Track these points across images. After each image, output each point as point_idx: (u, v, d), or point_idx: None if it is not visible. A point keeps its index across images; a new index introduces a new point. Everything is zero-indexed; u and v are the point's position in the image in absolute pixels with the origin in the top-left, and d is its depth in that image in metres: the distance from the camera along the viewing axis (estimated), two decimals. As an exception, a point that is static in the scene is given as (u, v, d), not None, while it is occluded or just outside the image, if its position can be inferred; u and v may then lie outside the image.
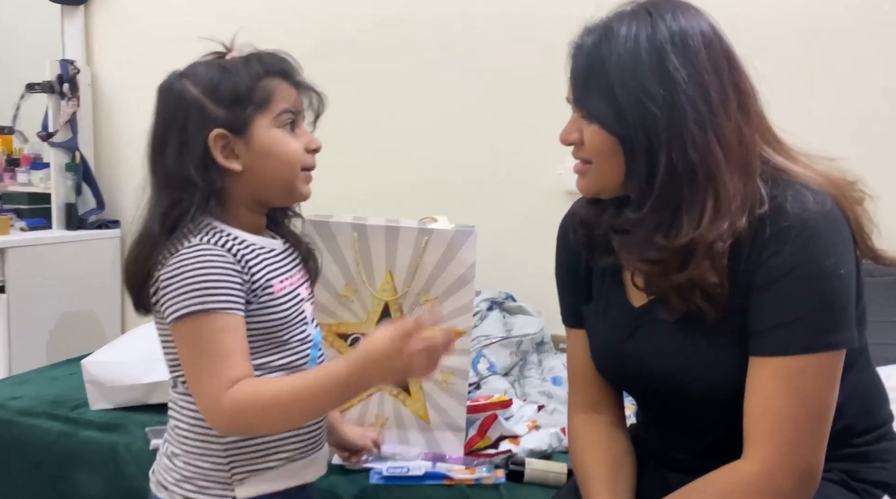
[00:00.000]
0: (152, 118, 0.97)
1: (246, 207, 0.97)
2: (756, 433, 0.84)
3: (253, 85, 0.94)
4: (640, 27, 0.84)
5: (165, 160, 0.94)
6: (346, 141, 2.30)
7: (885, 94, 1.71)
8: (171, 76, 0.99)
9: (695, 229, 0.82)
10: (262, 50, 0.99)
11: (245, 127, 0.94)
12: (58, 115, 2.57)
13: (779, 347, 0.83)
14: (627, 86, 0.83)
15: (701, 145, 0.82)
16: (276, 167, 0.95)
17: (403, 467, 1.27)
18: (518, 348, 1.77)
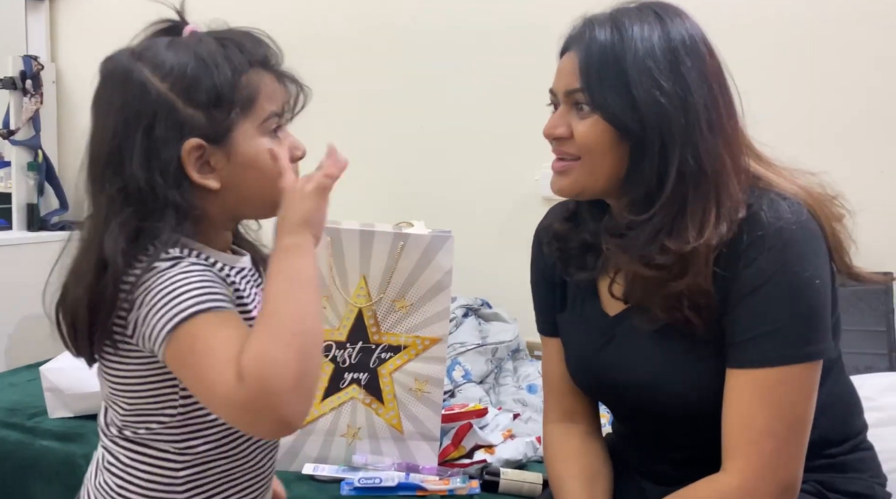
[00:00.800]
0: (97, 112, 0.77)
1: (215, 226, 0.79)
2: (735, 446, 0.83)
3: (236, 81, 0.74)
4: (653, 27, 0.84)
5: (126, 171, 0.72)
6: (321, 144, 2.27)
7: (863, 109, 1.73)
8: (121, 55, 0.77)
9: (699, 234, 0.81)
10: (233, 29, 0.79)
11: (225, 135, 0.74)
12: (20, 112, 2.49)
13: (756, 358, 0.82)
14: (645, 83, 0.82)
15: (712, 148, 0.82)
16: (262, 183, 0.76)
17: (376, 477, 1.24)
18: (493, 356, 1.75)
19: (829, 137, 1.73)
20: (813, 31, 1.75)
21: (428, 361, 1.30)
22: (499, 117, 2.07)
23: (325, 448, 1.32)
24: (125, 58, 0.76)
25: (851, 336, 1.59)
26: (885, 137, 1.71)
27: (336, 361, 1.31)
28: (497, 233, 2.08)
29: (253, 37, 0.79)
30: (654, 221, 0.84)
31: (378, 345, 1.30)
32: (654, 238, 0.83)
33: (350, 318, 1.29)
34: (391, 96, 2.20)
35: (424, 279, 1.27)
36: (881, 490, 0.95)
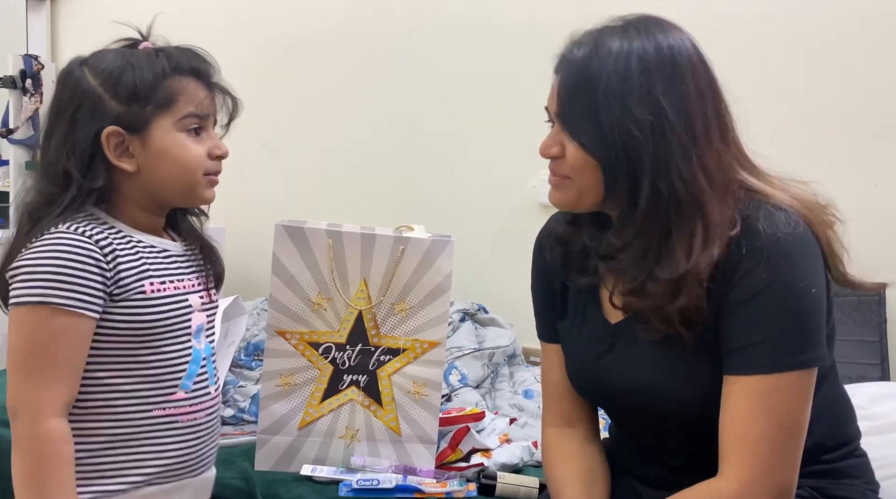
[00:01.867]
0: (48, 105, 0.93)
1: (137, 206, 0.93)
2: (731, 452, 0.84)
3: (156, 83, 0.89)
4: (631, 46, 0.83)
5: (48, 149, 0.89)
6: (320, 149, 2.28)
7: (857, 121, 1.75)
8: (72, 62, 0.93)
9: (687, 259, 0.82)
10: (177, 45, 0.94)
11: (143, 126, 0.89)
12: (19, 111, 2.50)
13: (752, 365, 0.83)
14: (613, 109, 0.82)
15: (686, 176, 0.82)
16: (173, 171, 0.91)
17: (373, 479, 1.25)
18: (490, 361, 1.76)
19: (822, 149, 1.75)
20: (807, 42, 1.77)
21: (426, 364, 1.31)
22: (496, 125, 2.09)
23: (324, 450, 1.32)
24: (74, 62, 0.92)
25: (844, 346, 1.60)
26: (878, 150, 1.73)
27: (336, 363, 1.31)
28: (494, 239, 2.10)
29: (189, 51, 0.94)
30: (636, 244, 0.84)
31: (377, 347, 1.31)
32: (641, 261, 0.84)
33: (350, 320, 1.30)
34: (390, 102, 2.21)
35: (424, 283, 1.28)
36: (874, 497, 0.97)
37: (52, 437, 0.83)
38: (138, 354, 0.90)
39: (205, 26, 2.40)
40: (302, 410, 1.31)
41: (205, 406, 0.98)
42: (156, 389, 0.92)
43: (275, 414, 1.31)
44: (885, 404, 1.34)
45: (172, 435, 0.94)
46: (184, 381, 0.94)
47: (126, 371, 0.90)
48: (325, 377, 1.31)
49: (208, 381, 0.98)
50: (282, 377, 1.30)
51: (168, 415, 0.93)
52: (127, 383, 0.90)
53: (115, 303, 0.87)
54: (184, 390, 0.94)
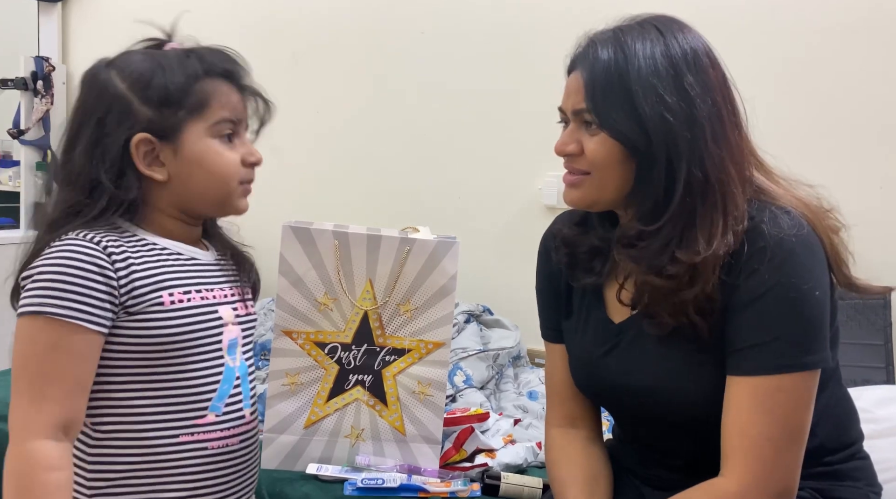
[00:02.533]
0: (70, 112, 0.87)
1: (168, 215, 0.87)
2: (733, 452, 0.84)
3: (189, 86, 0.83)
4: (655, 43, 0.85)
5: (73, 157, 0.83)
6: (327, 150, 2.30)
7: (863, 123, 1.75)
8: (97, 64, 0.87)
9: (708, 245, 0.83)
10: (207, 45, 0.89)
11: (174, 133, 0.83)
12: (30, 112, 2.53)
13: (756, 366, 0.84)
14: (650, 100, 0.84)
15: (717, 161, 0.84)
16: (207, 180, 0.85)
17: (378, 478, 1.26)
18: (494, 362, 1.77)
19: (828, 151, 1.75)
20: (812, 44, 1.77)
21: (431, 364, 1.31)
22: (502, 126, 2.10)
23: (329, 449, 1.33)
24: (99, 64, 0.86)
25: (849, 349, 1.61)
26: (884, 152, 1.73)
27: (341, 362, 1.32)
28: (499, 240, 2.10)
29: (220, 52, 0.87)
30: (664, 231, 0.86)
31: (382, 348, 1.32)
32: (664, 248, 0.85)
33: (356, 320, 1.31)
34: (397, 105, 2.22)
35: (429, 284, 1.29)
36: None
37: (33, 460, 0.75)
38: (162, 373, 0.83)
39: (213, 30, 2.42)
40: (308, 409, 1.32)
41: (239, 431, 0.90)
42: (182, 412, 0.84)
43: (281, 413, 1.32)
44: (890, 407, 1.34)
45: (202, 464, 0.86)
46: (214, 402, 0.86)
47: (149, 392, 0.82)
48: (331, 377, 1.32)
49: (243, 403, 0.90)
50: (288, 377, 1.31)
51: (197, 440, 0.85)
52: (150, 405, 0.82)
53: (131, 316, 0.81)
54: (214, 413, 0.87)
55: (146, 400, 0.82)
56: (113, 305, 0.79)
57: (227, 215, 0.93)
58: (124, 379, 0.82)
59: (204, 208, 0.89)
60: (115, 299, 0.80)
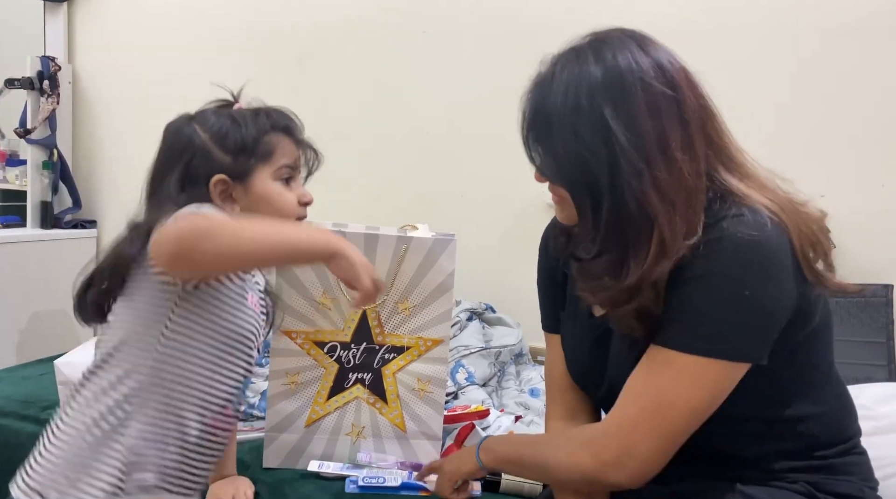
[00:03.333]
0: (156, 154, 1.02)
1: None
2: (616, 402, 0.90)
3: (259, 138, 1.00)
4: (581, 73, 0.86)
5: (164, 187, 0.97)
6: (331, 150, 2.30)
7: (865, 122, 1.75)
8: (180, 118, 1.03)
9: (640, 270, 0.85)
10: (271, 106, 1.06)
11: (246, 175, 0.99)
12: (37, 111, 2.54)
13: (661, 337, 0.87)
14: (567, 143, 0.85)
15: (639, 196, 0.84)
16: (271, 215, 1.00)
17: (379, 476, 1.27)
18: (497, 359, 1.77)
19: (830, 151, 1.74)
20: (813, 44, 1.77)
21: (430, 361, 1.32)
22: (504, 124, 2.09)
23: (330, 446, 1.35)
24: (183, 119, 1.03)
25: (852, 347, 1.60)
26: (886, 151, 1.72)
27: (341, 361, 1.33)
28: (502, 239, 2.11)
29: (282, 111, 1.05)
30: (601, 259, 0.88)
31: (382, 346, 1.33)
32: (600, 275, 0.88)
33: (354, 319, 1.32)
34: (399, 104, 2.22)
35: (427, 282, 1.29)
36: (871, 494, 0.97)
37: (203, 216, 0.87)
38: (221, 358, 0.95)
39: (216, 30, 2.44)
40: (308, 408, 1.33)
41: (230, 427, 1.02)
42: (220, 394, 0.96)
43: (282, 412, 1.33)
44: (890, 404, 1.33)
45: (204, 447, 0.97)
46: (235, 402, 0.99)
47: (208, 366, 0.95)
48: (331, 376, 1.33)
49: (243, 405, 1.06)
50: (288, 376, 1.32)
51: (211, 426, 0.97)
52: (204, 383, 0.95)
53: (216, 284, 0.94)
54: (232, 408, 0.99)
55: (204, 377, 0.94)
56: None
57: None
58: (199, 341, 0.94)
59: None
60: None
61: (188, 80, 2.37)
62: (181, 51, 2.49)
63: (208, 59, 2.41)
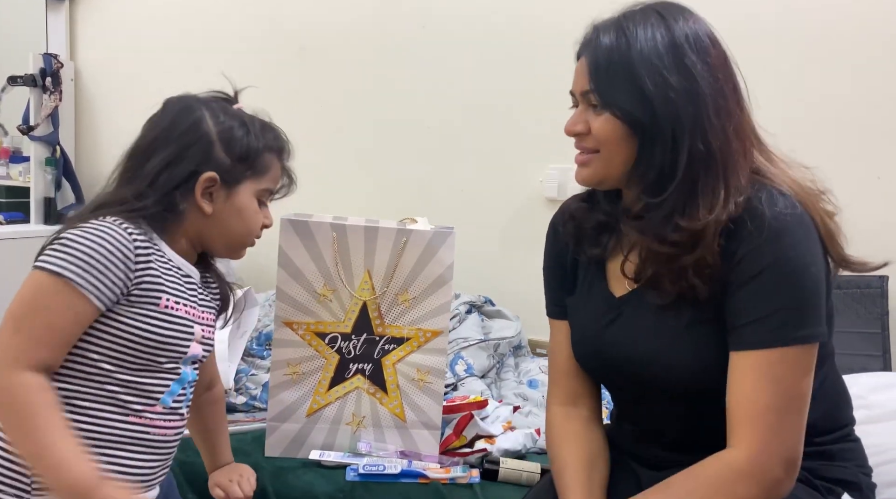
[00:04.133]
0: (150, 126, 0.99)
1: (187, 238, 0.99)
2: (739, 423, 0.87)
3: (261, 153, 1.00)
4: (656, 27, 0.89)
5: (146, 164, 0.95)
6: (328, 142, 2.32)
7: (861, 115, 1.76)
8: (189, 98, 1.01)
9: (710, 212, 0.87)
10: (272, 124, 1.05)
11: (235, 183, 0.98)
12: (39, 108, 2.56)
13: (756, 341, 0.86)
14: (654, 79, 0.87)
15: (720, 133, 0.87)
16: (237, 228, 1.00)
17: (379, 464, 1.29)
18: (495, 351, 1.79)
19: (827, 142, 1.76)
20: (807, 37, 1.78)
21: (430, 352, 1.34)
22: (505, 120, 2.11)
23: (331, 436, 1.37)
24: (191, 98, 1.01)
25: (847, 337, 1.62)
26: (882, 143, 1.74)
27: (341, 352, 1.35)
28: (501, 233, 2.12)
29: (281, 133, 1.05)
30: (668, 202, 0.89)
31: (382, 337, 1.34)
32: (668, 218, 0.89)
33: (355, 310, 1.34)
34: (399, 99, 2.24)
35: (427, 274, 1.31)
36: (866, 479, 0.99)
37: (26, 385, 0.85)
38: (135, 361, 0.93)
39: (218, 26, 2.45)
40: (310, 398, 1.35)
41: (175, 425, 0.99)
42: (140, 397, 0.94)
43: (283, 402, 1.35)
44: (884, 393, 1.35)
45: (140, 447, 0.95)
46: (165, 396, 0.96)
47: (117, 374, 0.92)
48: (332, 366, 1.35)
49: (183, 404, 1.00)
50: (290, 366, 1.34)
51: (142, 425, 0.94)
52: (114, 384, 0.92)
53: (131, 305, 0.91)
54: (163, 405, 0.96)
55: (112, 379, 0.92)
56: (120, 290, 0.90)
57: (225, 257, 1.07)
58: (100, 357, 0.91)
59: (216, 247, 1.03)
60: (125, 287, 0.90)
61: (189, 76, 2.38)
62: (182, 47, 2.50)
63: (209, 55, 2.43)
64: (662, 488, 0.90)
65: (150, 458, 0.96)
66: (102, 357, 0.91)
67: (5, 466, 0.90)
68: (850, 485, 0.96)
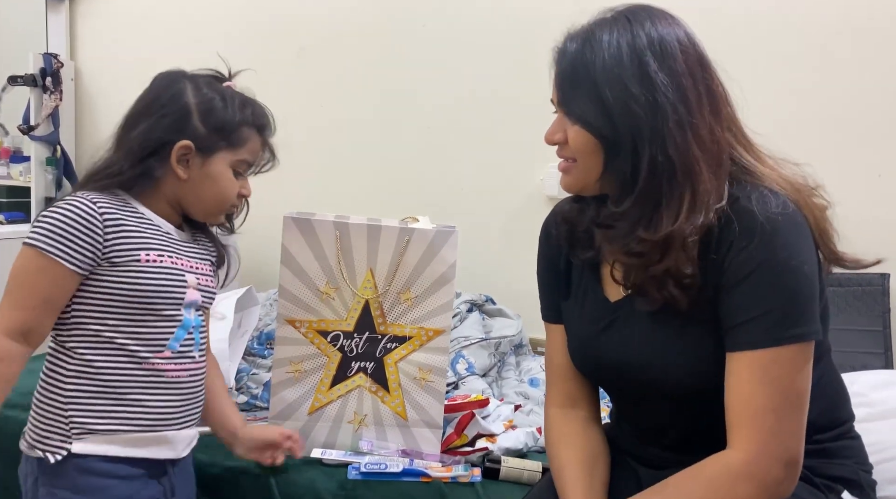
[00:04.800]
0: (138, 97, 1.08)
1: (166, 201, 1.09)
2: (738, 424, 0.87)
3: (238, 126, 1.07)
4: (621, 34, 0.88)
5: (130, 133, 1.05)
6: (329, 140, 2.32)
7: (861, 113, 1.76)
8: (175, 72, 1.10)
9: (673, 223, 0.86)
10: (257, 101, 1.12)
11: (210, 152, 1.06)
12: (40, 108, 2.56)
13: (751, 341, 0.86)
14: (613, 89, 0.87)
15: (681, 144, 0.86)
16: (210, 195, 1.08)
17: (381, 463, 1.29)
18: (496, 350, 1.79)
19: (827, 140, 1.76)
20: (807, 35, 1.78)
21: (432, 351, 1.34)
22: (504, 119, 2.11)
23: (333, 434, 1.37)
24: (178, 73, 1.10)
25: (848, 335, 1.62)
26: (882, 141, 1.74)
27: (344, 350, 1.35)
28: (502, 231, 2.12)
29: (264, 111, 1.12)
30: (631, 212, 0.89)
31: (384, 335, 1.34)
32: (632, 228, 0.89)
33: (357, 309, 1.34)
34: (400, 98, 2.24)
35: (429, 272, 1.31)
36: (866, 477, 0.99)
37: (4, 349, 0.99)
38: (133, 313, 1.03)
39: (216, 23, 2.45)
40: (311, 396, 1.35)
41: (188, 367, 1.09)
42: (147, 345, 1.04)
43: (285, 400, 1.35)
44: (884, 391, 1.35)
45: (157, 389, 1.06)
46: (171, 342, 1.06)
47: (121, 327, 1.03)
48: (334, 364, 1.35)
49: (194, 347, 1.10)
50: (292, 364, 1.34)
51: (155, 370, 1.05)
52: (121, 338, 1.03)
53: (114, 266, 1.02)
54: (170, 350, 1.06)
55: (118, 333, 1.03)
56: (94, 254, 1.01)
57: (204, 221, 1.15)
58: (101, 315, 1.03)
59: (193, 210, 1.11)
60: (98, 251, 1.01)
61: (190, 76, 2.39)
62: (182, 46, 2.50)
63: (210, 54, 2.42)
64: (661, 489, 0.90)
65: (171, 399, 1.07)
66: (104, 315, 1.02)
67: (46, 414, 1.04)
68: (849, 482, 0.97)
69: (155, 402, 1.06)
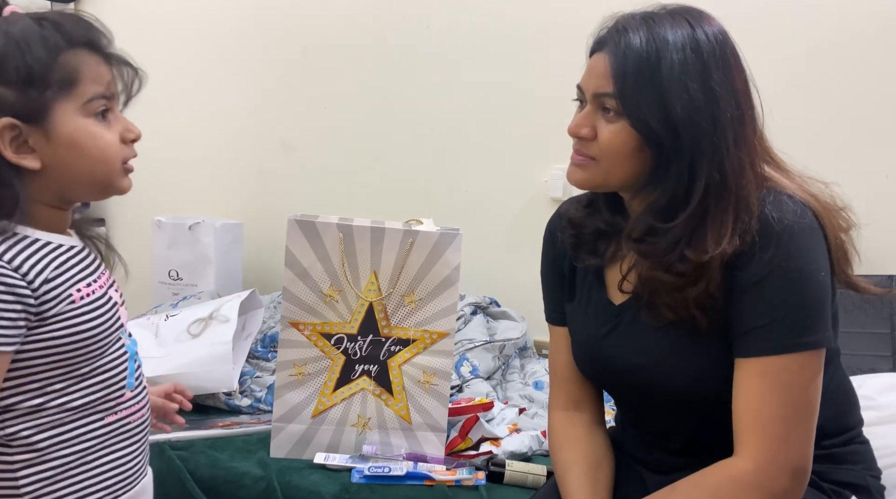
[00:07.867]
0: None
1: (47, 205, 0.79)
2: (745, 432, 0.85)
3: (52, 61, 0.74)
4: (686, 37, 0.84)
5: None
6: (333, 143, 2.32)
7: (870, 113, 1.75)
8: None
9: (716, 245, 0.84)
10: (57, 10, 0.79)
11: (43, 115, 0.74)
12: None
13: (762, 347, 0.85)
14: (681, 97, 0.83)
15: (737, 164, 0.84)
16: (86, 164, 0.77)
17: (385, 466, 1.28)
18: (501, 353, 1.78)
19: (835, 140, 1.75)
20: (817, 33, 1.77)
21: (436, 354, 1.34)
22: (509, 120, 2.11)
23: (336, 438, 1.36)
24: None
25: (855, 338, 1.61)
26: (891, 141, 1.73)
27: (347, 353, 1.35)
28: (506, 233, 2.12)
29: (76, 18, 0.78)
30: (677, 230, 0.86)
31: (388, 338, 1.34)
32: (674, 246, 0.86)
33: (361, 311, 1.33)
34: (404, 100, 2.23)
35: (433, 275, 1.31)
36: (874, 482, 0.98)
37: None
38: (83, 365, 0.80)
39: (222, 28, 2.45)
40: (315, 399, 1.35)
41: (146, 401, 0.90)
42: (106, 394, 0.83)
43: (289, 403, 1.34)
44: (893, 394, 1.34)
45: (127, 438, 0.86)
46: (129, 380, 0.85)
47: (72, 386, 0.79)
48: (338, 367, 1.34)
49: (142, 376, 0.89)
50: (295, 367, 1.34)
51: (120, 419, 0.84)
52: (75, 398, 0.80)
53: (46, 322, 0.76)
54: (130, 390, 0.85)
55: (70, 394, 0.79)
56: (27, 321, 0.74)
57: (109, 197, 0.86)
58: (44, 382, 0.78)
59: (84, 194, 0.83)
60: (31, 315, 0.75)
61: (194, 78, 2.38)
62: (185, 49, 2.50)
63: (214, 56, 2.43)
64: (665, 495, 0.89)
65: (140, 443, 0.87)
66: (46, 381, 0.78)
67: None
68: (858, 488, 0.96)
69: (127, 453, 0.85)
